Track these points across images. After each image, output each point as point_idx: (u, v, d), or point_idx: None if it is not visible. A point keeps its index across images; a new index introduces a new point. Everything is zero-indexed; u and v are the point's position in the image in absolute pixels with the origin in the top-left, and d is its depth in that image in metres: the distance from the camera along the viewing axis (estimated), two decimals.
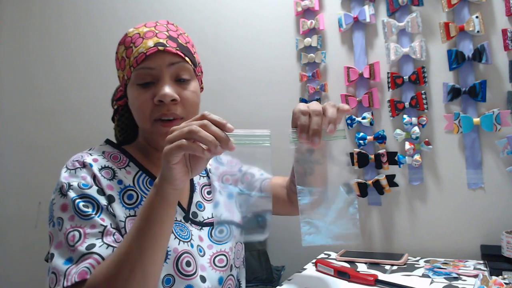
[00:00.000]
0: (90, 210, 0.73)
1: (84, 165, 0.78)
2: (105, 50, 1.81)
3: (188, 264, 0.79)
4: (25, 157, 2.02)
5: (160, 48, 0.78)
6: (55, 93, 1.95)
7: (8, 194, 2.05)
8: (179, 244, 0.79)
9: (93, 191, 0.75)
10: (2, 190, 2.06)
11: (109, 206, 0.75)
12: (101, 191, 0.76)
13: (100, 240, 0.71)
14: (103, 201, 0.75)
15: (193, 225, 0.86)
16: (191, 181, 0.93)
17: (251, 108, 1.54)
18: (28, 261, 1.93)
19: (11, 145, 2.05)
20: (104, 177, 0.78)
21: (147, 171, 0.85)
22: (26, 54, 2.02)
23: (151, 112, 0.80)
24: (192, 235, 0.84)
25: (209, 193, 0.94)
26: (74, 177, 0.77)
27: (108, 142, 0.90)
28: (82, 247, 0.69)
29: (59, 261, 0.69)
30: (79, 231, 0.71)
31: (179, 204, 0.86)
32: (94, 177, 0.77)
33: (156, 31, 0.82)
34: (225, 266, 0.86)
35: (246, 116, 1.54)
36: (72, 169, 0.78)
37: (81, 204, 0.73)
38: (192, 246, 0.82)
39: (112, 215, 0.75)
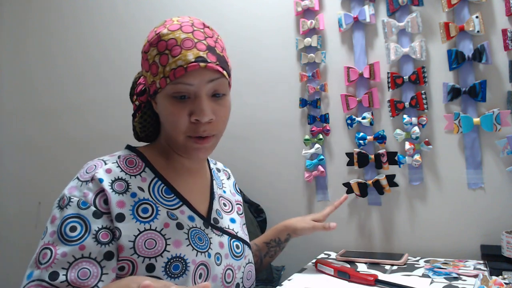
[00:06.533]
0: (75, 234, 0.70)
1: (92, 179, 0.75)
2: (105, 50, 1.81)
3: (200, 276, 0.78)
4: (25, 157, 2.02)
5: (202, 65, 0.73)
6: (55, 93, 1.95)
7: (8, 194, 2.05)
8: (196, 255, 0.78)
9: (88, 213, 0.72)
10: (2, 190, 2.06)
11: (100, 232, 0.72)
12: (98, 213, 0.73)
13: (65, 271, 0.68)
14: (95, 225, 0.72)
15: (214, 230, 0.85)
16: (211, 188, 0.93)
17: (251, 108, 1.54)
18: (28, 261, 1.92)
19: (11, 145, 2.05)
20: (116, 192, 0.75)
21: (163, 178, 0.83)
22: (26, 54, 2.02)
23: (186, 129, 0.77)
24: (210, 243, 0.82)
25: (225, 204, 0.94)
26: (78, 191, 0.75)
27: (128, 147, 0.88)
28: (46, 272, 0.69)
29: (27, 271, 0.72)
30: (51, 251, 0.70)
31: (196, 212, 0.84)
32: (97, 194, 0.74)
33: (195, 40, 0.75)
34: (230, 282, 0.84)
35: (246, 116, 1.54)
36: (80, 181, 0.76)
37: (68, 227, 0.71)
38: (209, 256, 0.80)
39: (99, 243, 0.71)
